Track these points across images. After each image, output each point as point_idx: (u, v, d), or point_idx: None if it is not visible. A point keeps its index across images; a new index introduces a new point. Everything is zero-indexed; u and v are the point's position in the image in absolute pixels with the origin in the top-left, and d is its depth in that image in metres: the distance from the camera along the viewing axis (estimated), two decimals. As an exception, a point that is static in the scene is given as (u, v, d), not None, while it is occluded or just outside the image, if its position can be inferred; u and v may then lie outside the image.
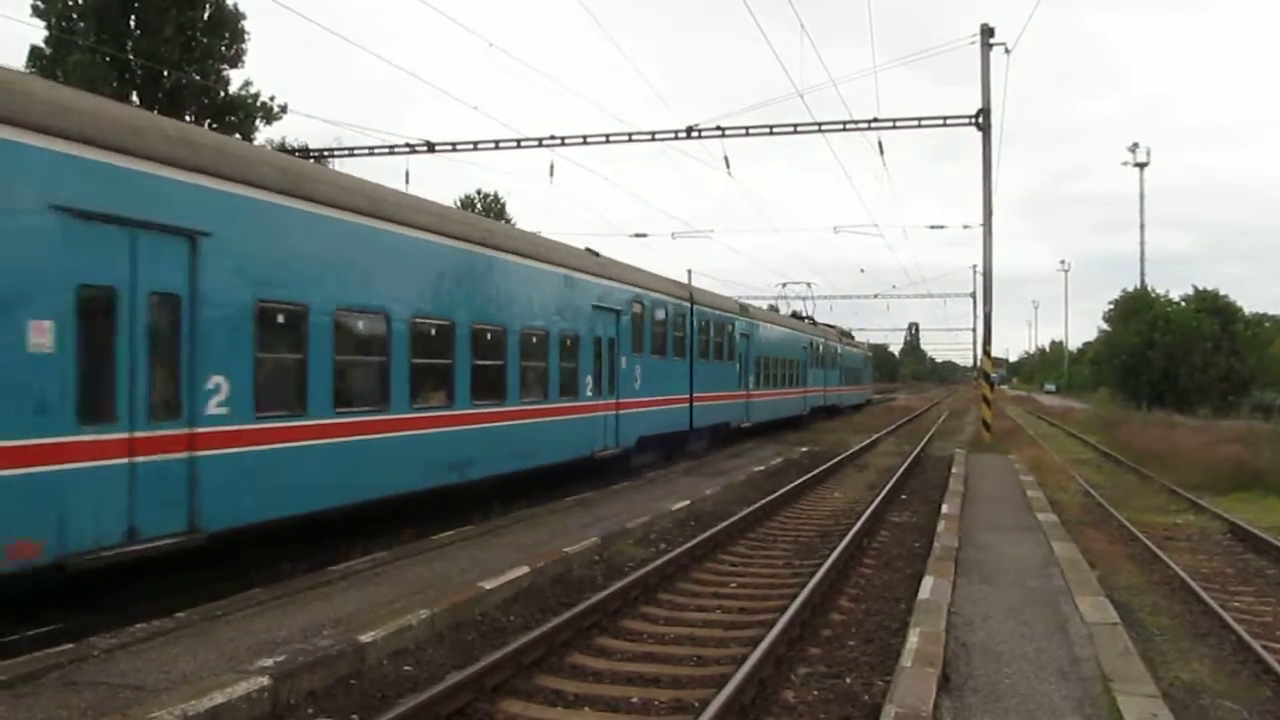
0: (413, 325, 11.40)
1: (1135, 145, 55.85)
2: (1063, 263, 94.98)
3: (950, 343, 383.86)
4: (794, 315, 42.72)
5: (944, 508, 13.92)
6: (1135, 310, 51.92)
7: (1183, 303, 48.76)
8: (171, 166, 8.10)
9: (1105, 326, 66.30)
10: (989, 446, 25.29)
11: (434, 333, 11.95)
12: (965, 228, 61.44)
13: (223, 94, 29.85)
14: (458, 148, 25.59)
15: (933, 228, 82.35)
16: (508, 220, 47.09)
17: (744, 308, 28.94)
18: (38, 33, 27.57)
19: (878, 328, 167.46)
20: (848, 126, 24.14)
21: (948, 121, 24.18)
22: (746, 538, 12.61)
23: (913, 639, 6.92)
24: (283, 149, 28.17)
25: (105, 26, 27.72)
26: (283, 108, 31.16)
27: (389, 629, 7.07)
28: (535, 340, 14.60)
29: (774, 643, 7.04)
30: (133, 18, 28.34)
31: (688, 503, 14.43)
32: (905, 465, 20.85)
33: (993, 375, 27.84)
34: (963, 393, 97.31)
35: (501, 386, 13.58)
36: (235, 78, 30.95)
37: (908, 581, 9.69)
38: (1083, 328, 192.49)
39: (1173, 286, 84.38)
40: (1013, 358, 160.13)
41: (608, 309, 17.27)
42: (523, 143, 25.14)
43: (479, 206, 52.39)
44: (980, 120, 24.11)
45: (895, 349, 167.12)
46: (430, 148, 25.38)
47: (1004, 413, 45.87)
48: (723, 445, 25.08)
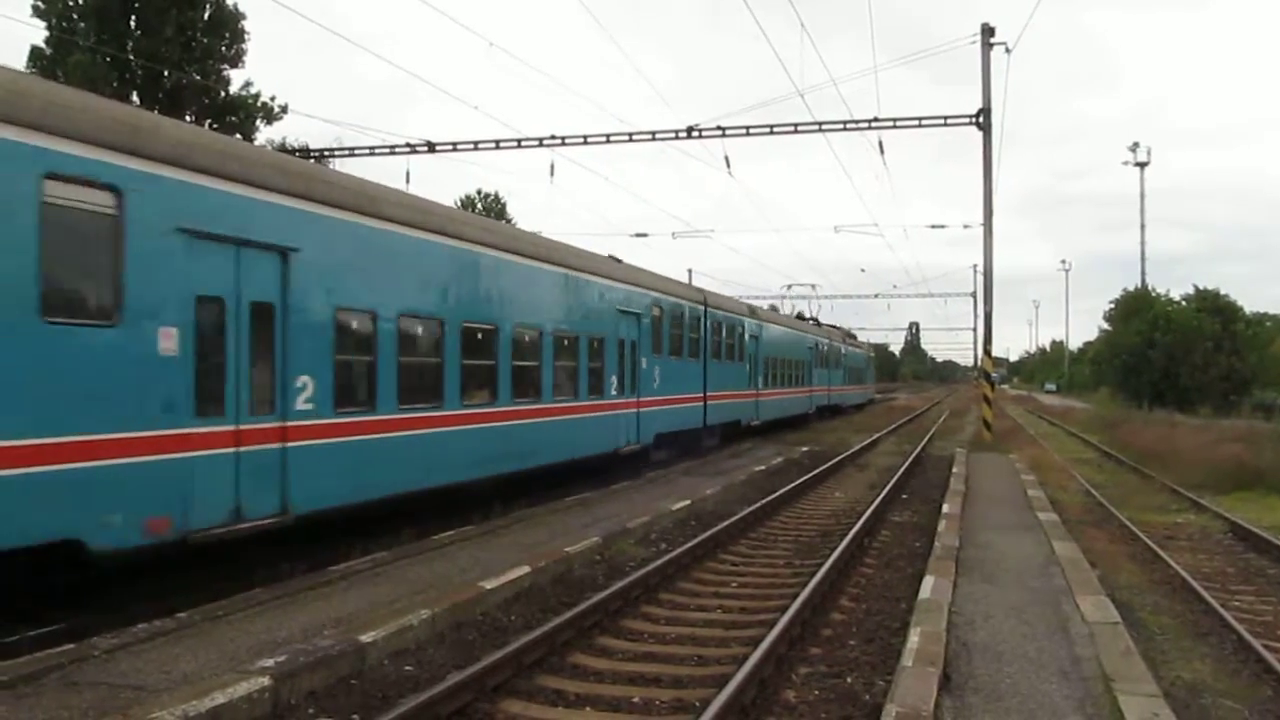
0: (463, 329, 12.30)
1: (1136, 145, 55.93)
2: (1063, 262, 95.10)
3: (951, 342, 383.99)
4: (798, 316, 42.97)
5: (945, 507, 13.93)
6: (1136, 310, 51.89)
7: (1183, 302, 48.72)
8: (268, 190, 9.15)
9: (1106, 326, 66.35)
10: (990, 446, 25.28)
11: (480, 336, 12.86)
12: (966, 227, 61.32)
13: (223, 94, 29.87)
14: (458, 147, 25.61)
15: (933, 227, 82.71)
16: (508, 220, 47.10)
17: (753, 310, 29.53)
18: (38, 33, 27.65)
19: (878, 327, 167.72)
20: (848, 126, 24.15)
21: (948, 121, 24.18)
22: (747, 537, 12.61)
23: (914, 638, 6.92)
24: (283, 149, 28.18)
25: (105, 26, 27.73)
26: (283, 108, 31.23)
27: (390, 629, 7.07)
28: (566, 343, 15.48)
29: (775, 642, 7.04)
30: (133, 18, 28.36)
31: (688, 502, 14.42)
32: (906, 465, 20.84)
33: (993, 375, 27.83)
34: (963, 392, 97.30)
35: (537, 386, 14.49)
36: (236, 78, 31.06)
37: (909, 581, 9.69)
38: (1083, 327, 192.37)
39: (1173, 286, 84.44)
40: (1013, 357, 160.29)
41: (630, 313, 18.13)
42: (523, 142, 25.15)
43: (479, 206, 52.36)
44: (981, 120, 24.12)
45: (896, 349, 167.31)
46: (431, 148, 25.39)
47: (1004, 412, 45.87)
48: (724, 445, 25.13)
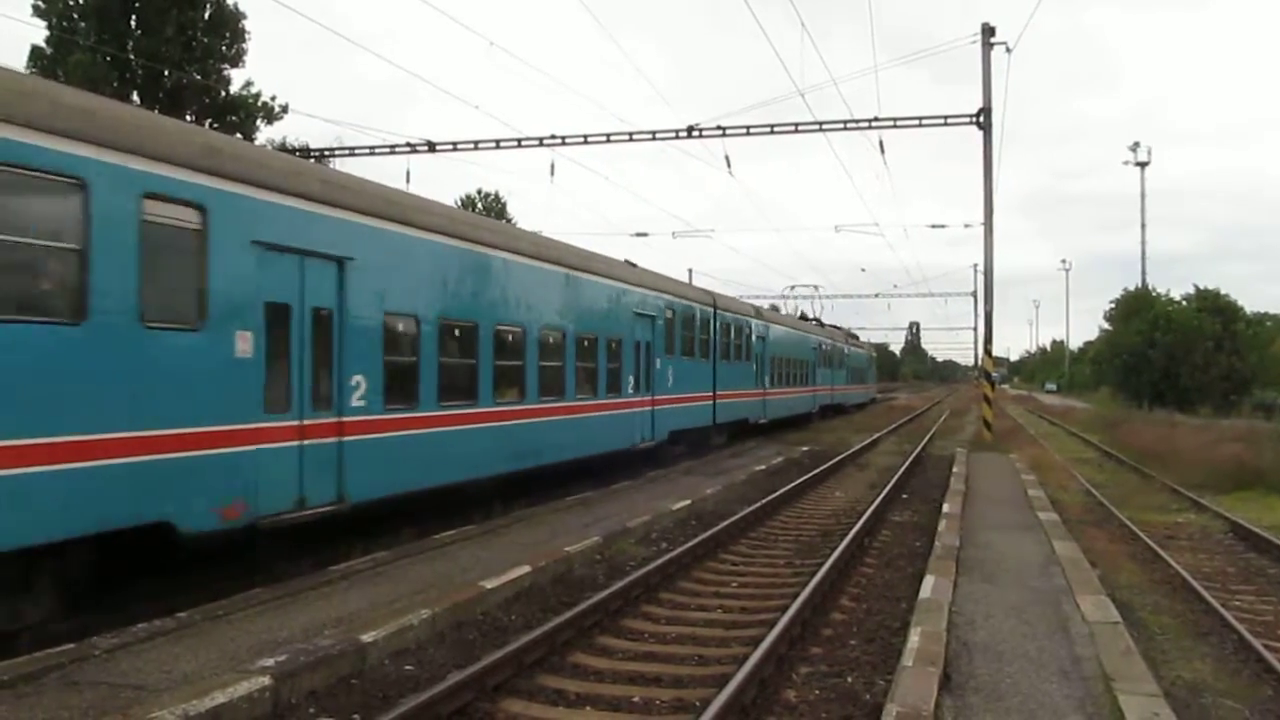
0: (495, 332, 13.04)
1: (1136, 144, 55.75)
2: (1064, 262, 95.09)
3: (951, 342, 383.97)
4: (801, 317, 43.13)
5: (945, 507, 13.93)
6: (1136, 309, 51.87)
7: (1184, 302, 48.70)
8: (326, 205, 9.87)
9: (1106, 326, 66.35)
10: (990, 446, 25.27)
11: (510, 338, 13.58)
12: (966, 227, 61.37)
13: (223, 94, 29.85)
14: (458, 147, 25.60)
15: (934, 227, 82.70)
16: (508, 220, 47.09)
17: (759, 311, 30.22)
18: (38, 33, 27.63)
19: (878, 326, 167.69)
20: (849, 126, 24.15)
21: (949, 121, 24.17)
22: (748, 537, 12.61)
23: (914, 638, 6.92)
24: (283, 149, 28.17)
25: (106, 26, 27.71)
26: (284, 108, 31.18)
27: (390, 628, 7.07)
28: (587, 344, 16.21)
29: (775, 642, 7.04)
30: (133, 18, 28.33)
31: (688, 502, 14.42)
32: (906, 464, 20.84)
33: (994, 374, 27.82)
34: (964, 392, 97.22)
35: (562, 385, 15.21)
36: (236, 77, 31.00)
37: (909, 580, 9.70)
38: (1084, 327, 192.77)
39: (1174, 286, 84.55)
40: (1014, 357, 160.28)
41: (645, 315, 18.95)
42: (523, 142, 25.13)
43: (479, 206, 52.35)
44: (981, 119, 24.11)
45: (896, 348, 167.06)
46: (431, 147, 25.38)
47: (1005, 412, 45.86)
48: (728, 443, 25.15)
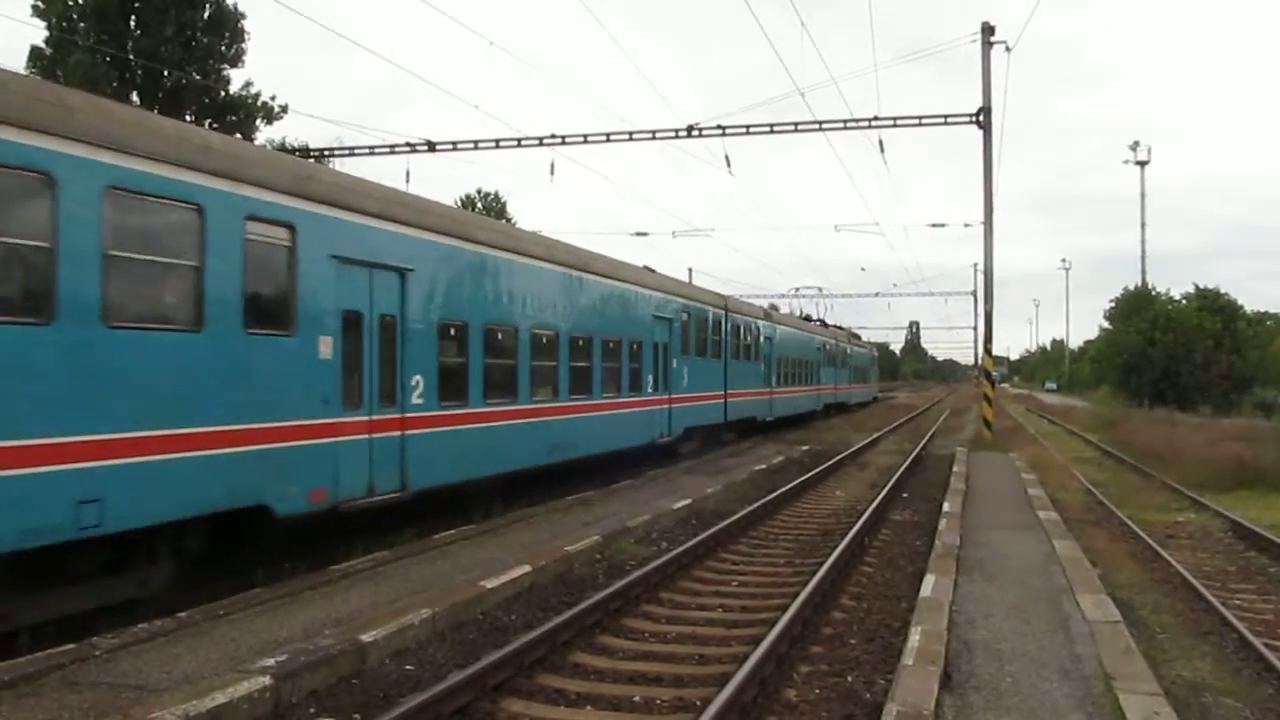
0: (532, 335, 14.06)
1: (1136, 143, 55.79)
2: (1064, 261, 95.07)
3: (951, 341, 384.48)
4: (805, 318, 43.38)
5: (945, 506, 13.92)
6: (1137, 308, 51.92)
7: (1184, 301, 48.73)
8: (390, 221, 10.85)
9: (1106, 325, 66.42)
10: (990, 445, 25.25)
11: (545, 340, 14.62)
12: (966, 226, 61.27)
13: (223, 94, 29.82)
14: (458, 146, 25.54)
15: (934, 226, 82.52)
16: (508, 219, 47.09)
17: (767, 313, 31.18)
18: (38, 33, 27.62)
19: (879, 325, 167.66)
20: (849, 125, 24.08)
21: (948, 120, 24.14)
22: (748, 536, 12.61)
23: (914, 637, 6.92)
24: (283, 149, 28.15)
25: (105, 27, 27.67)
26: (283, 108, 31.10)
27: (390, 628, 7.07)
28: (612, 345, 17.32)
29: (776, 641, 7.04)
30: (133, 18, 28.30)
31: (689, 501, 14.43)
32: (906, 464, 20.84)
33: (994, 373, 27.81)
34: (964, 391, 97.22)
35: (589, 384, 16.22)
36: (236, 77, 30.96)
37: (909, 580, 9.70)
38: (1084, 326, 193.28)
39: (1174, 285, 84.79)
40: (1014, 356, 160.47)
41: (663, 318, 20.12)
42: (523, 141, 25.07)
43: (479, 206, 52.34)
44: (981, 119, 24.07)
45: (896, 347, 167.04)
46: (431, 147, 25.34)
47: (1005, 411, 45.85)
48: (725, 444, 25.17)
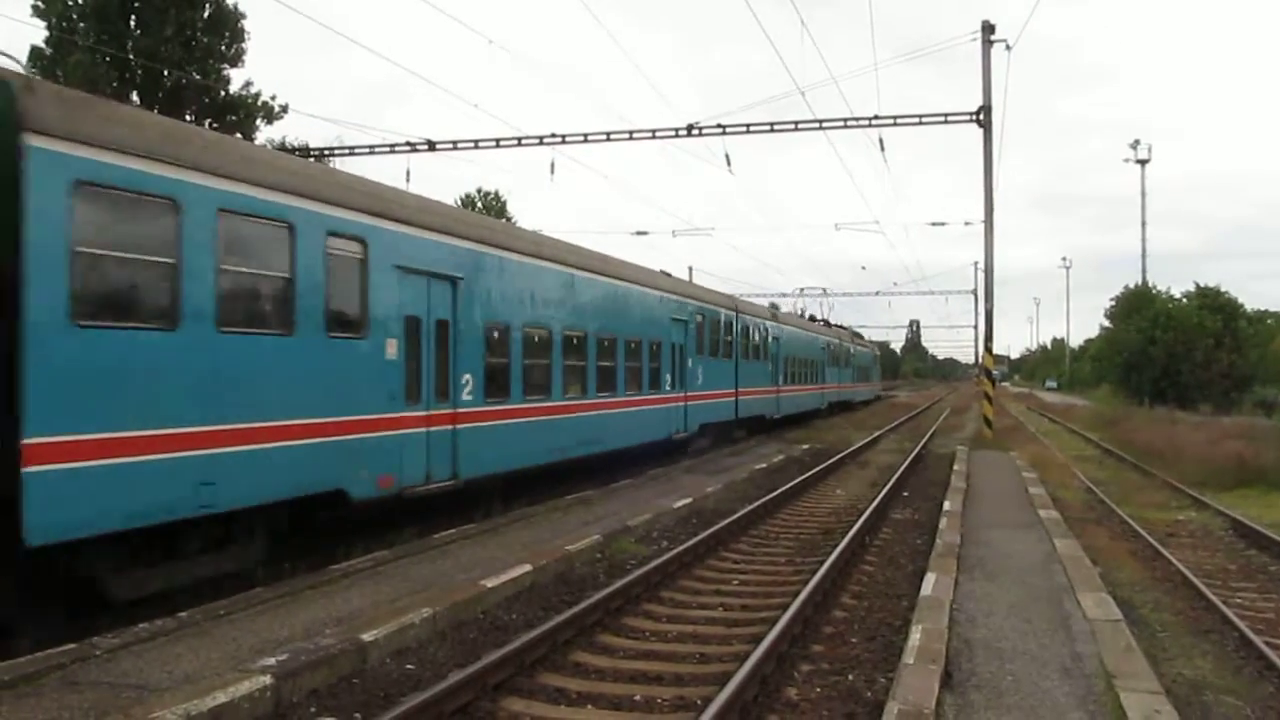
0: (564, 336, 15.04)
1: (1136, 142, 55.95)
2: (1064, 259, 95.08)
3: (952, 340, 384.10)
4: (810, 318, 43.70)
5: (946, 504, 13.92)
6: (1137, 307, 51.91)
7: (1184, 299, 48.74)
8: (444, 234, 11.87)
9: (1107, 323, 66.41)
10: (991, 443, 25.25)
11: (575, 341, 15.57)
12: (966, 224, 61.42)
13: (223, 94, 29.80)
14: (459, 146, 25.53)
15: (934, 224, 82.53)
16: (508, 219, 47.08)
17: (774, 314, 32.06)
18: (38, 33, 27.62)
19: (879, 324, 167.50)
20: (849, 124, 24.09)
21: (949, 119, 24.15)
22: (749, 535, 12.61)
23: (915, 636, 6.92)
24: (283, 148, 28.15)
25: (105, 26, 27.64)
26: (283, 107, 31.04)
27: (391, 627, 7.07)
28: (634, 345, 18.37)
29: (777, 640, 7.04)
30: (133, 18, 28.28)
31: (689, 500, 14.42)
32: (907, 462, 20.83)
33: (994, 372, 27.80)
34: (964, 390, 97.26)
35: (614, 382, 17.26)
36: (236, 77, 30.93)
37: (910, 578, 9.70)
38: (1084, 324, 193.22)
39: (1175, 283, 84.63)
40: (1014, 354, 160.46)
41: (680, 320, 21.17)
42: (524, 141, 25.06)
43: (479, 205, 52.30)
44: (981, 117, 24.08)
45: (897, 346, 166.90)
46: (431, 146, 25.33)
47: (1005, 410, 45.86)
48: (725, 443, 25.17)
